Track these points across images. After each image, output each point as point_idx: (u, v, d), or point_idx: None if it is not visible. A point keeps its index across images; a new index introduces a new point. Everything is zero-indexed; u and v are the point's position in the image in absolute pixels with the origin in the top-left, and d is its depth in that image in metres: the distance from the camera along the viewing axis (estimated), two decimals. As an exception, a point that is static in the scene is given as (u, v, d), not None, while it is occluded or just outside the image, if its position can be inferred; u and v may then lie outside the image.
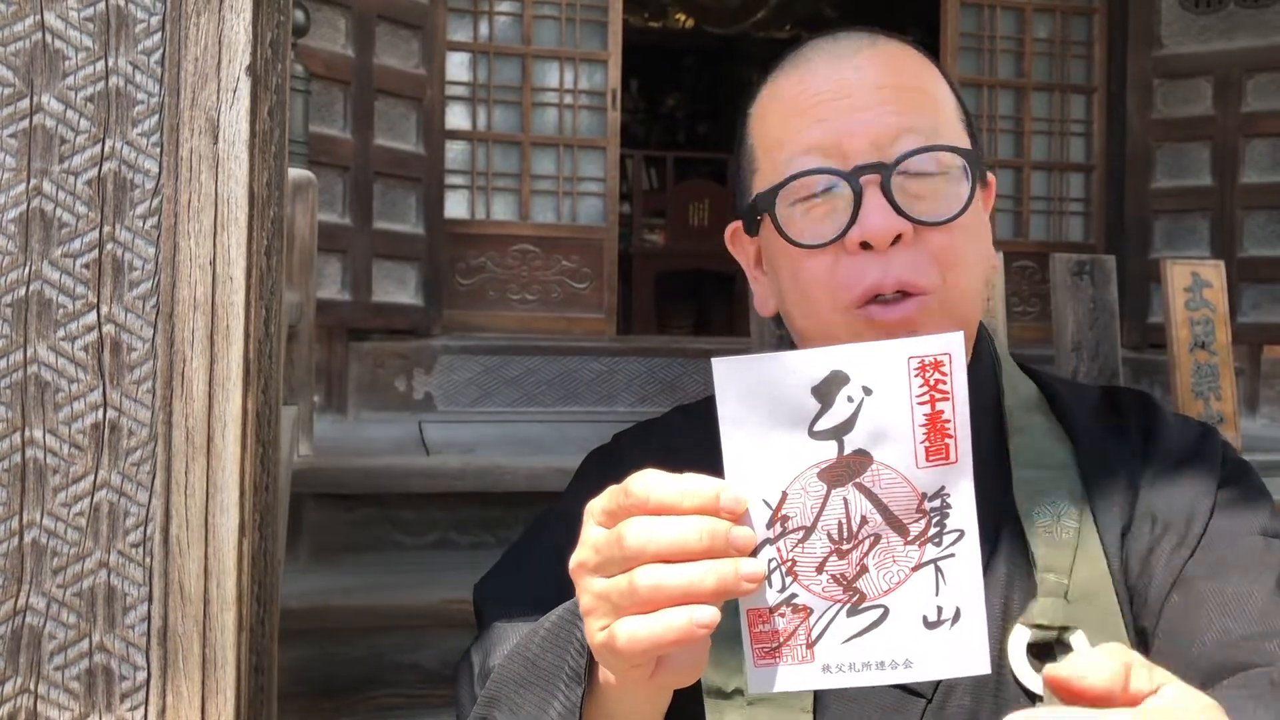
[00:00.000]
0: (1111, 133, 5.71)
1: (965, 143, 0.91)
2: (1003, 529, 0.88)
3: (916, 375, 0.62)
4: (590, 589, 0.66)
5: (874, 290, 0.85)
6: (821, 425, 0.63)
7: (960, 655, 0.63)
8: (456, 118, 5.15)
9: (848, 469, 0.63)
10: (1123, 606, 0.86)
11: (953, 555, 0.63)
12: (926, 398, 0.62)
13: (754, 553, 0.64)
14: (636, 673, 0.66)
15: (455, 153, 5.14)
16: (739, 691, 0.85)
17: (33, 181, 0.82)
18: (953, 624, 0.63)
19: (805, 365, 0.63)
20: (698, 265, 7.37)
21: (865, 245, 0.85)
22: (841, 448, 0.63)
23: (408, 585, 2.94)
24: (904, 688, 0.85)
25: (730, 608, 0.86)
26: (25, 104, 0.82)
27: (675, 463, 0.95)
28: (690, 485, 0.63)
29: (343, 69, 4.51)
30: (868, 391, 0.63)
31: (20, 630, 0.80)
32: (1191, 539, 0.88)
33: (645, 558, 0.62)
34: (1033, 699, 0.82)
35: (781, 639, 0.65)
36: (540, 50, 5.29)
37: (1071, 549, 0.87)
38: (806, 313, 0.90)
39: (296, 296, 3.18)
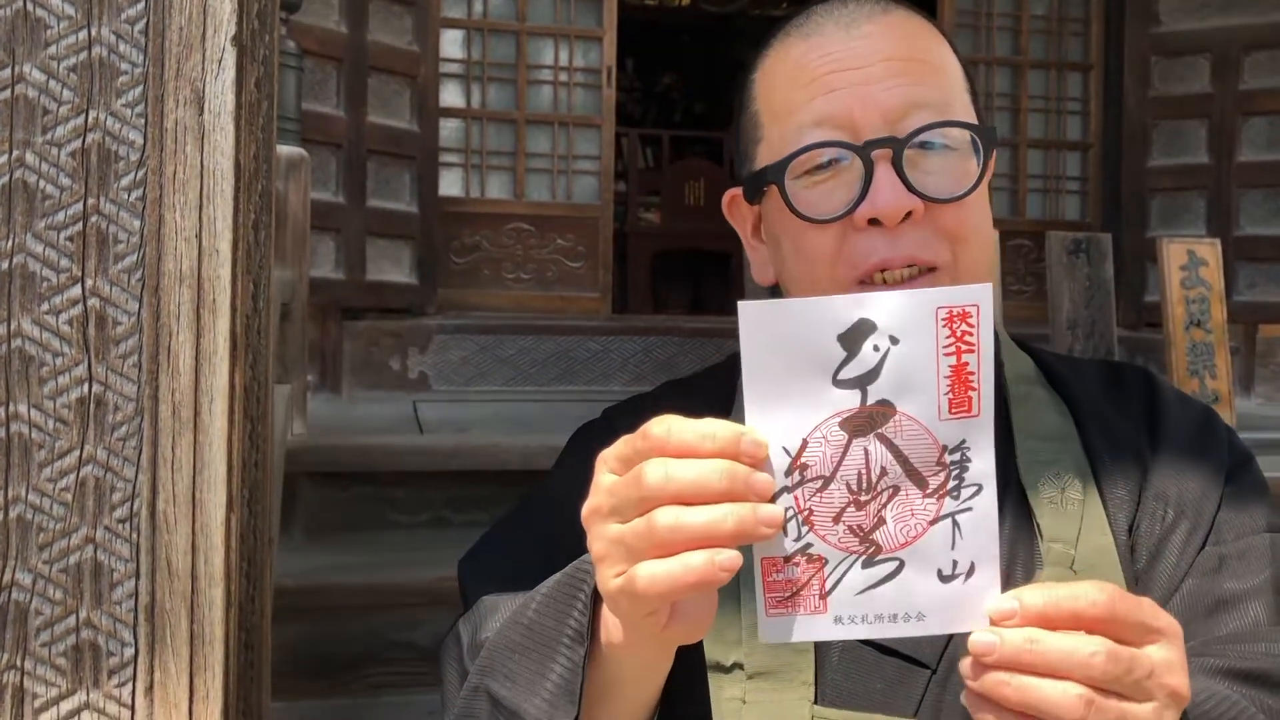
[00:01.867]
0: (1108, 110, 5.69)
1: (973, 117, 0.90)
2: (1006, 499, 0.87)
3: (944, 326, 0.61)
4: (604, 535, 0.65)
5: (881, 266, 0.84)
6: (846, 374, 0.62)
7: (973, 611, 0.63)
8: (451, 95, 5.12)
9: (870, 419, 0.63)
10: (1126, 581, 0.85)
11: (970, 509, 0.63)
12: (953, 349, 0.62)
13: (772, 500, 0.63)
14: (651, 621, 0.65)
15: (449, 130, 5.12)
16: (738, 665, 0.85)
17: (15, 153, 0.80)
18: (966, 578, 0.63)
19: (833, 311, 0.62)
20: (694, 244, 7.35)
21: (874, 221, 0.84)
22: (865, 397, 0.62)
23: (402, 564, 2.94)
24: (908, 658, 0.85)
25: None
26: (7, 74, 0.80)
27: None
28: (711, 428, 0.62)
29: (335, 46, 4.48)
30: (894, 341, 0.62)
31: (6, 607, 0.80)
32: (1201, 532, 0.88)
33: (664, 498, 0.61)
34: None
35: (795, 589, 0.64)
36: (535, 27, 5.26)
37: (1077, 520, 0.87)
38: (807, 286, 0.89)
39: (289, 275, 3.16)
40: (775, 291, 0.98)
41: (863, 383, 0.62)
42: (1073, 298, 3.90)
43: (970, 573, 0.63)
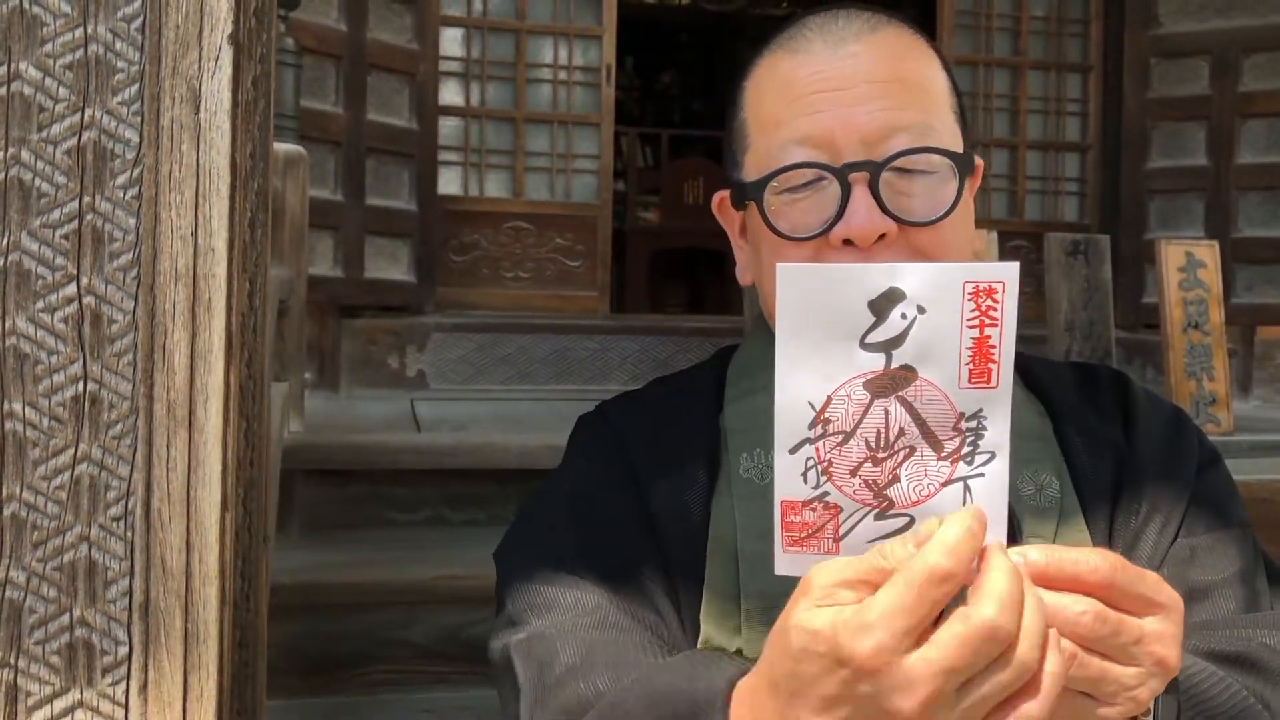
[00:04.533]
0: (1107, 112, 5.69)
1: (957, 137, 0.91)
2: None
3: (970, 299, 0.64)
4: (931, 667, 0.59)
5: None
6: (873, 338, 0.65)
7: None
8: (450, 93, 5.12)
9: (892, 382, 0.66)
10: None
11: (982, 475, 0.66)
12: (976, 322, 0.64)
13: (793, 450, 0.66)
14: None
15: (448, 129, 5.11)
16: (739, 652, 0.86)
17: (11, 150, 0.80)
18: None
19: (866, 278, 0.65)
20: (692, 244, 7.35)
21: (848, 242, 0.86)
22: (889, 361, 0.65)
23: (399, 562, 2.94)
24: None
25: (754, 527, 0.87)
26: (3, 71, 0.80)
27: (663, 431, 0.96)
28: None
29: (335, 43, 4.48)
30: (921, 310, 0.65)
31: (0, 605, 0.80)
32: (1174, 525, 0.91)
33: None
34: None
35: (810, 530, 0.67)
36: (534, 26, 5.25)
37: (1055, 516, 0.89)
38: None
39: (288, 272, 3.16)
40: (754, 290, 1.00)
41: (888, 347, 0.65)
42: (1071, 299, 3.90)
43: None
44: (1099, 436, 0.94)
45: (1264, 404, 5.16)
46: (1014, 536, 0.88)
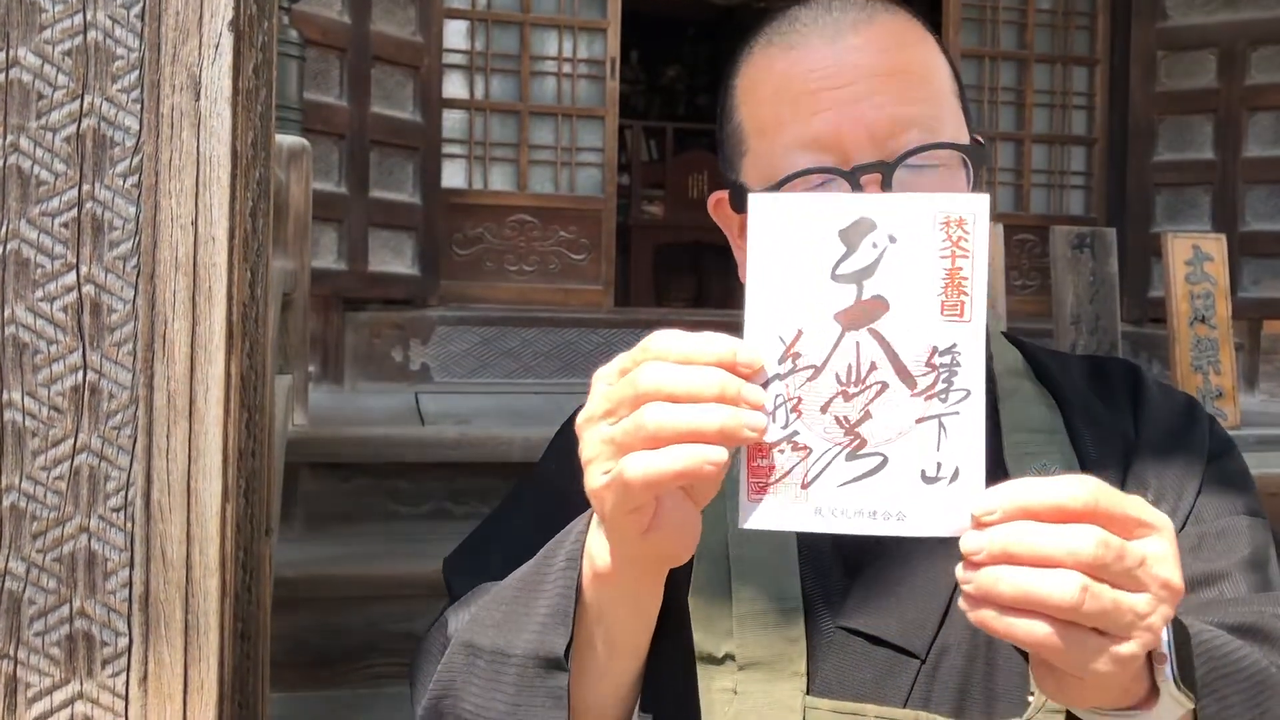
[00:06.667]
0: (1114, 105, 5.67)
1: (962, 125, 0.90)
2: None
3: (940, 229, 0.64)
4: (596, 435, 0.66)
5: None
6: (844, 269, 0.64)
7: (953, 514, 0.63)
8: (454, 86, 5.11)
9: (864, 313, 0.64)
10: None
11: (957, 413, 0.64)
12: (948, 252, 0.64)
13: (764, 386, 0.65)
14: (634, 520, 0.66)
15: (453, 122, 5.10)
16: (730, 656, 0.85)
17: (9, 138, 0.80)
18: (950, 481, 0.63)
19: (836, 208, 0.64)
20: (696, 238, 7.34)
21: None
22: (860, 292, 0.64)
23: (403, 555, 2.94)
24: (898, 648, 0.85)
25: (720, 548, 0.85)
26: (1, 58, 0.80)
27: None
28: (709, 342, 0.64)
29: (339, 36, 4.47)
30: (892, 240, 0.64)
31: (0, 595, 0.79)
32: (1182, 513, 0.89)
33: (657, 398, 0.63)
34: (1026, 659, 0.83)
35: (777, 475, 0.65)
36: (539, 18, 5.24)
37: None
38: None
39: (291, 265, 3.15)
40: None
41: (859, 278, 0.64)
42: (1077, 293, 3.89)
43: (954, 477, 0.63)
44: (1109, 428, 0.93)
45: (1270, 398, 5.15)
46: None
